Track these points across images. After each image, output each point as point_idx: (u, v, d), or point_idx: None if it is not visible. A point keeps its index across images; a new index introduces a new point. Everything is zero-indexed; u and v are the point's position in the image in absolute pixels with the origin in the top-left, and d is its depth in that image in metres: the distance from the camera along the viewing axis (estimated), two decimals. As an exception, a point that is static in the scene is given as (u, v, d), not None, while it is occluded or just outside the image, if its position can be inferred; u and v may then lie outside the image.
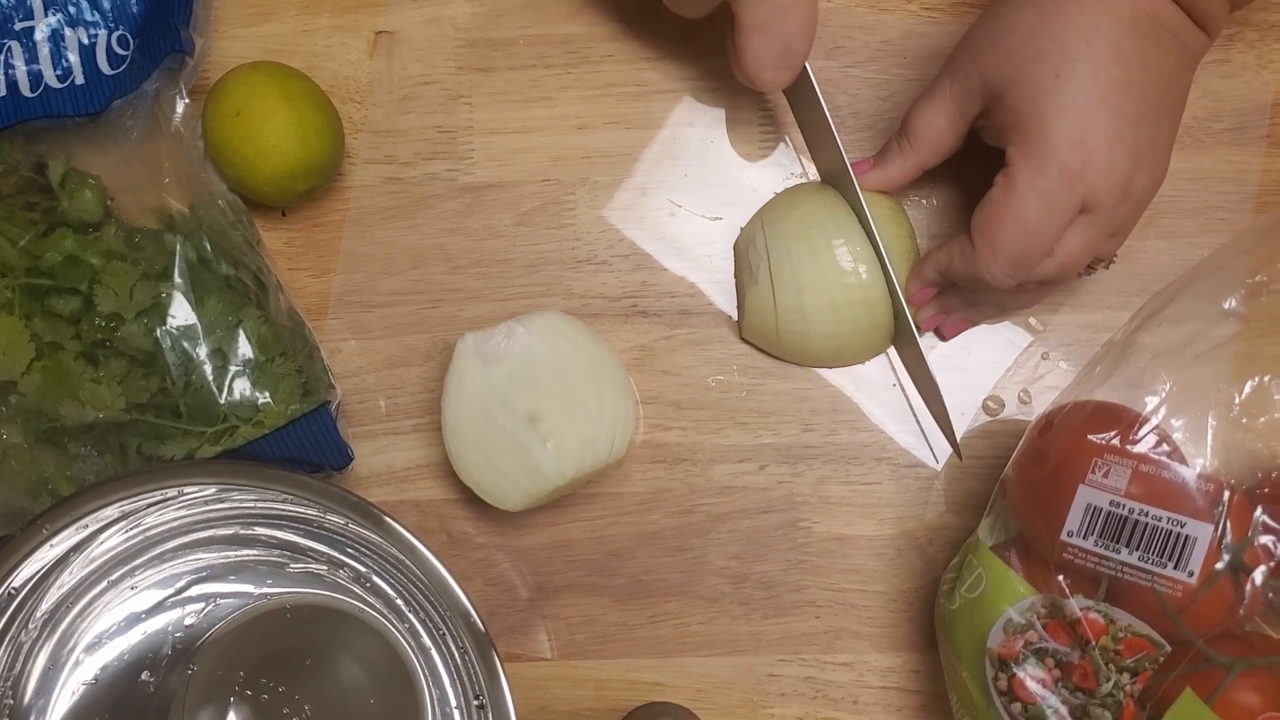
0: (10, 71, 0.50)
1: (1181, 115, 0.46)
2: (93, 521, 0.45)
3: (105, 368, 0.49)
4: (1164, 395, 0.44)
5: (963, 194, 0.54)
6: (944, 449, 0.53)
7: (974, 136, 0.48)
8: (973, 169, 0.48)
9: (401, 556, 0.44)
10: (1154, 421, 0.43)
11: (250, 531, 0.48)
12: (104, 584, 0.47)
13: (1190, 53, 0.45)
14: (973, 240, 0.46)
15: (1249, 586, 0.41)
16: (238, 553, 0.48)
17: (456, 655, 0.46)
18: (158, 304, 0.49)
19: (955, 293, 0.51)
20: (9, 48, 0.50)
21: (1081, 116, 0.43)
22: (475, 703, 0.45)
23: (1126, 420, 0.43)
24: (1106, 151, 0.43)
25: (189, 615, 0.49)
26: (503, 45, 0.55)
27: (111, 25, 0.50)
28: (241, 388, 0.49)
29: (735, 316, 0.54)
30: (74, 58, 0.50)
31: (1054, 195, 0.44)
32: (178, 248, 0.50)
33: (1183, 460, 0.43)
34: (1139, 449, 0.43)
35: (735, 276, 0.54)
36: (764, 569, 0.53)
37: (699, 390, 0.54)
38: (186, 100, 0.51)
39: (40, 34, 0.50)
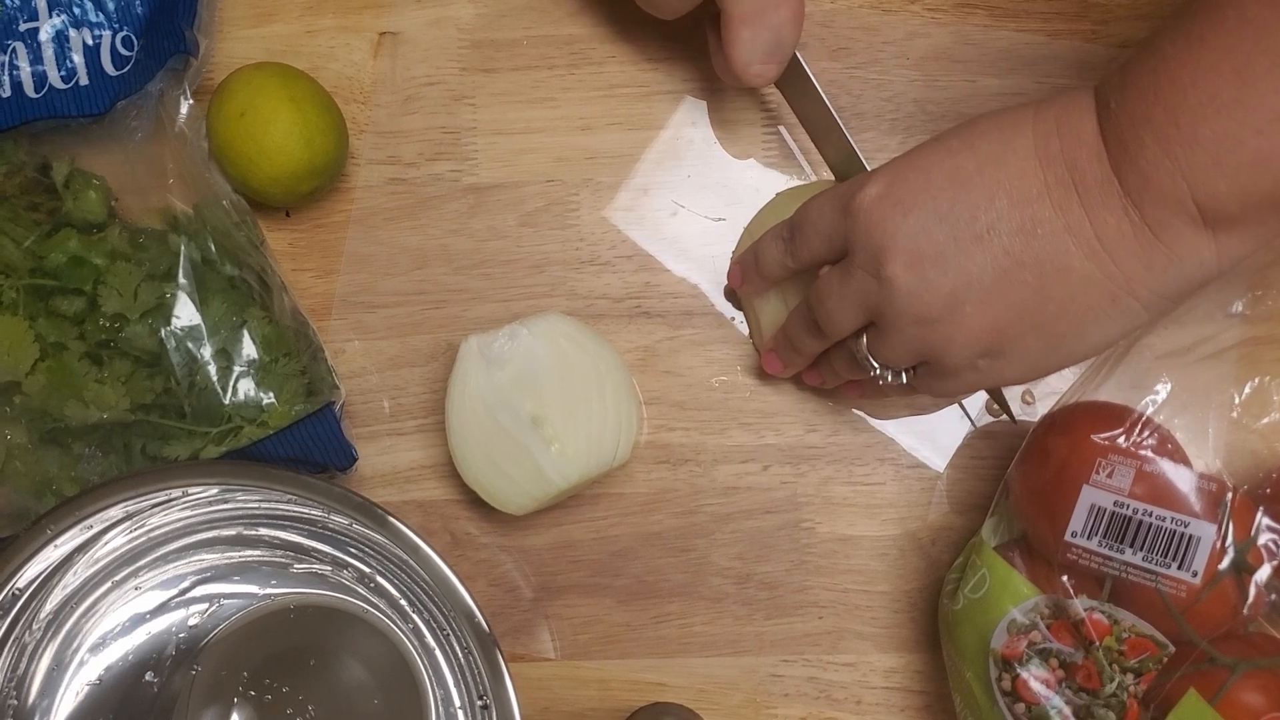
0: (15, 72, 0.50)
1: (1036, 284, 0.38)
2: (97, 522, 0.45)
3: (109, 368, 0.49)
4: (1167, 396, 0.44)
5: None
6: (945, 449, 0.53)
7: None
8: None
9: (405, 557, 0.44)
10: (1157, 422, 0.43)
11: (254, 532, 0.48)
12: (108, 584, 0.47)
13: (1095, 232, 0.37)
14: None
15: (1252, 587, 0.41)
16: (242, 553, 0.48)
17: (460, 655, 0.46)
18: (162, 304, 0.49)
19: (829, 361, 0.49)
20: (14, 49, 0.50)
21: (896, 168, 0.41)
22: (479, 703, 0.45)
23: (1130, 421, 0.43)
24: (886, 209, 0.40)
25: (193, 616, 0.49)
26: (506, 46, 0.55)
27: (116, 26, 0.50)
28: (246, 388, 0.49)
29: (738, 321, 0.54)
30: (78, 58, 0.50)
31: (831, 204, 0.43)
32: (182, 248, 0.50)
33: (1186, 461, 0.43)
34: (1142, 449, 0.43)
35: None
36: (767, 569, 0.53)
37: (702, 391, 0.54)
38: (191, 101, 0.51)
39: (45, 35, 0.50)
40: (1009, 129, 0.39)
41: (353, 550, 0.47)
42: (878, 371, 0.44)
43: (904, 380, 0.44)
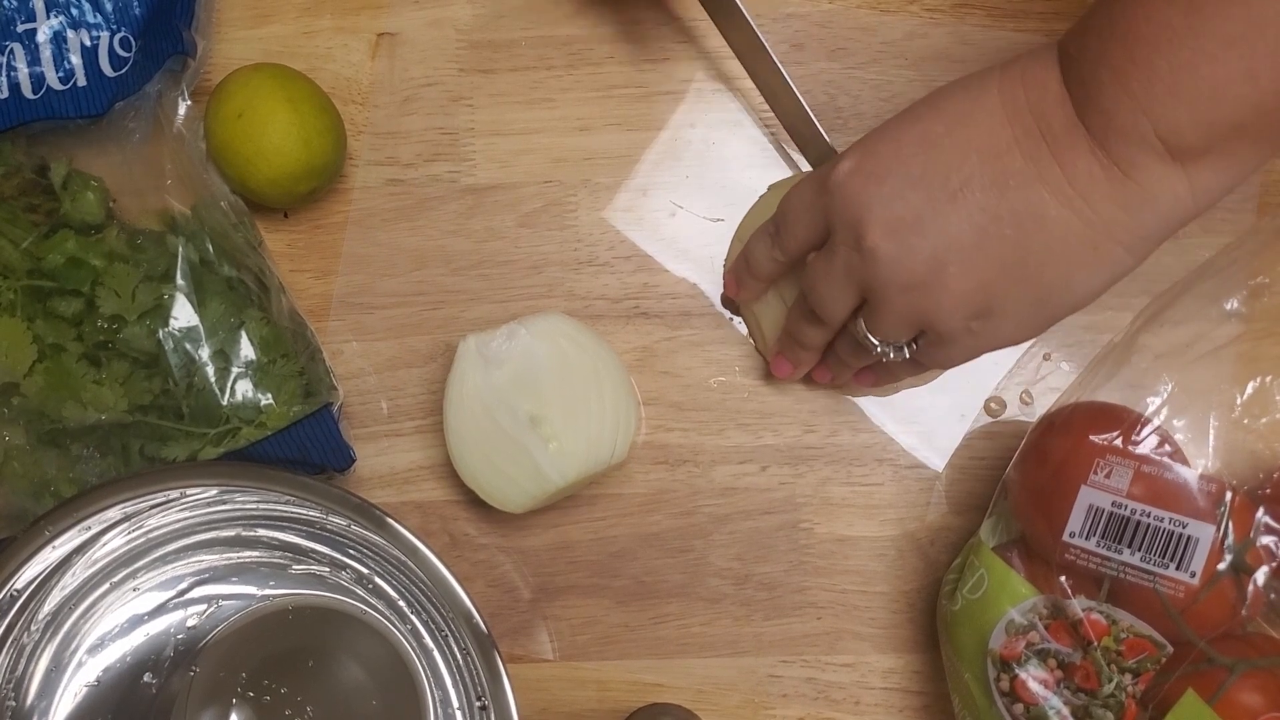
0: (12, 73, 0.50)
1: (1015, 238, 0.38)
2: (95, 523, 0.45)
3: (107, 369, 0.49)
4: (1166, 396, 0.44)
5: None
6: (944, 450, 0.53)
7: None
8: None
9: (404, 558, 0.44)
10: (1156, 422, 0.43)
11: (252, 533, 0.48)
12: (106, 586, 0.47)
13: (1067, 178, 0.37)
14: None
15: (1251, 587, 0.41)
16: (240, 554, 0.48)
17: (459, 656, 0.46)
18: (160, 305, 0.49)
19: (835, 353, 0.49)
20: (11, 50, 0.50)
21: (868, 143, 0.41)
22: (477, 704, 0.45)
23: (1128, 421, 0.43)
24: (859, 182, 0.40)
25: (191, 617, 0.48)
26: (504, 47, 0.55)
27: (114, 27, 0.50)
28: (244, 389, 0.49)
29: (736, 322, 0.54)
30: (76, 60, 0.50)
31: (809, 187, 0.43)
32: (180, 249, 0.50)
33: (1184, 461, 0.43)
34: (1141, 450, 0.43)
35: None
36: (766, 570, 0.53)
37: (700, 391, 0.54)
38: (188, 102, 0.51)
39: (42, 36, 0.50)
40: (975, 89, 0.39)
41: (351, 551, 0.47)
42: (879, 349, 0.43)
43: (906, 355, 0.43)
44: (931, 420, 0.53)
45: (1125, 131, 0.35)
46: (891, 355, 0.44)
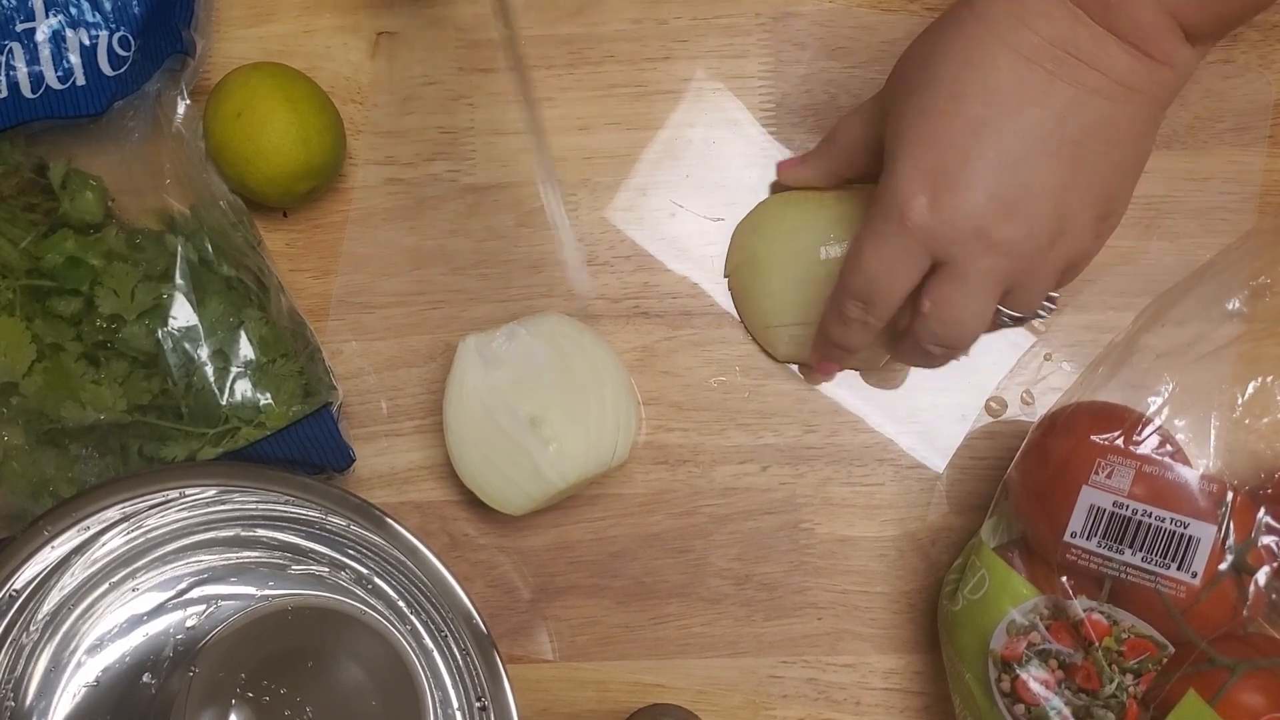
0: (11, 73, 0.50)
1: (1101, 149, 0.41)
2: (94, 523, 0.45)
3: (106, 369, 0.49)
4: (1167, 396, 0.44)
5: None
6: (945, 450, 0.53)
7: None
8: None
9: (403, 558, 0.44)
10: (1157, 422, 0.43)
11: (251, 533, 0.48)
12: (105, 586, 0.47)
13: (1112, 79, 0.40)
14: None
15: (1252, 588, 0.41)
16: (239, 554, 0.48)
17: (458, 657, 0.46)
18: (159, 305, 0.49)
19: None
20: (10, 49, 0.50)
21: (931, 160, 0.40)
22: (477, 704, 0.45)
23: (1130, 421, 0.43)
24: (951, 200, 0.40)
25: (190, 617, 0.48)
26: (504, 46, 0.54)
27: (113, 26, 0.50)
28: (243, 389, 0.49)
29: (735, 321, 0.54)
30: (75, 59, 0.50)
31: (893, 240, 0.41)
32: (179, 249, 0.50)
33: (1186, 461, 0.43)
34: (1142, 450, 0.43)
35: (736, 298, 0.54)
36: (766, 570, 0.53)
37: (701, 391, 0.53)
38: (188, 101, 0.51)
39: (41, 35, 0.50)
40: (975, 57, 0.40)
41: (350, 551, 0.47)
42: (1010, 323, 0.44)
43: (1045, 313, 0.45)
44: (932, 420, 0.53)
45: (1158, 32, 0.40)
46: (1010, 323, 0.45)
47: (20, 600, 0.44)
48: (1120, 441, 0.43)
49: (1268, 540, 0.41)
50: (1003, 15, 0.40)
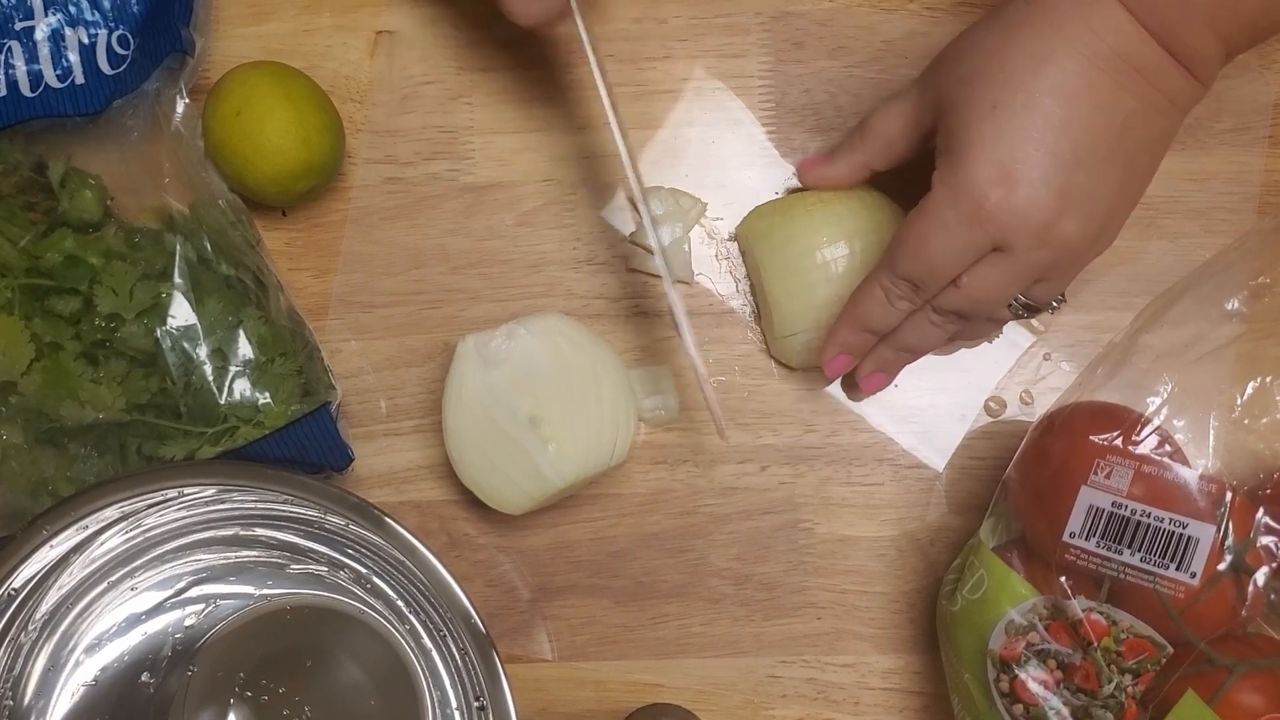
0: (10, 71, 0.50)
1: (1148, 162, 0.43)
2: (93, 522, 0.45)
3: (105, 368, 0.49)
4: (1166, 396, 0.44)
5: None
6: (944, 450, 0.53)
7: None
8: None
9: (402, 558, 0.44)
10: (1156, 422, 0.43)
11: (250, 532, 0.48)
12: (104, 585, 0.47)
13: (1167, 97, 0.42)
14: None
15: (1251, 588, 0.41)
16: (238, 554, 0.48)
17: (457, 656, 0.46)
18: (158, 304, 0.49)
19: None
20: (9, 47, 0.50)
21: (1006, 152, 0.41)
22: (476, 704, 0.45)
23: (1129, 421, 0.43)
24: (1026, 193, 0.41)
25: (189, 616, 0.48)
26: (503, 45, 0.54)
27: (112, 25, 0.50)
28: (242, 388, 0.49)
29: (736, 322, 0.54)
30: (74, 57, 0.50)
31: (960, 229, 0.42)
32: (178, 248, 0.50)
33: (1185, 461, 0.43)
34: (1141, 450, 0.42)
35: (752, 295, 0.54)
36: (765, 570, 0.53)
37: (700, 391, 0.53)
38: (187, 100, 0.51)
39: (40, 34, 0.50)
40: (1044, 54, 0.41)
41: (349, 551, 0.47)
42: (1025, 313, 0.46)
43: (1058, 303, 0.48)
44: (931, 420, 0.53)
45: (1210, 60, 0.42)
46: (1025, 314, 0.46)
47: (19, 599, 0.44)
48: (1119, 441, 0.43)
49: (1266, 540, 0.41)
50: (1073, 18, 0.41)
